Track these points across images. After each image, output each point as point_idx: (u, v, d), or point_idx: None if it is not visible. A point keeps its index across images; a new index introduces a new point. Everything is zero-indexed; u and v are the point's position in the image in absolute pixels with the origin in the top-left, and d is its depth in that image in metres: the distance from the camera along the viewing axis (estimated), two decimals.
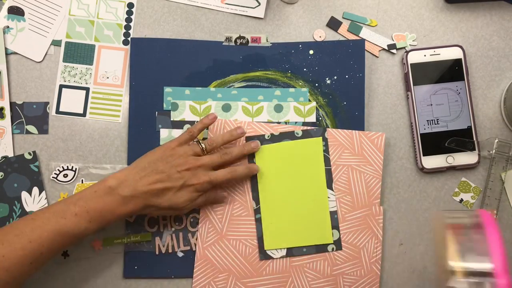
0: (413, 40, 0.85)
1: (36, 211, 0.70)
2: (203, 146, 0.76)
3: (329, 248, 0.81)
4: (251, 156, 0.81)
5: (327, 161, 0.82)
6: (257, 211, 0.81)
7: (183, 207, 0.75)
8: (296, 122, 0.83)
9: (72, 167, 0.82)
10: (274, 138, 0.82)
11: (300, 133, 0.82)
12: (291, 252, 0.81)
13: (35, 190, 0.81)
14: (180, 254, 0.81)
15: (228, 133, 0.78)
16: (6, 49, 0.83)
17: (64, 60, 0.83)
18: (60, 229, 0.67)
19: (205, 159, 0.75)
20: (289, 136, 0.82)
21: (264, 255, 0.80)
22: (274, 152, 0.82)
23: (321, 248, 0.81)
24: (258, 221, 0.81)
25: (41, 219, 0.68)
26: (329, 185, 0.81)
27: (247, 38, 0.85)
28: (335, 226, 0.81)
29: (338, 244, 0.81)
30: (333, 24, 0.85)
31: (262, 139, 0.82)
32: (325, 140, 0.82)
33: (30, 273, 0.67)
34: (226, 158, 0.77)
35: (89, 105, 0.83)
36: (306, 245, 0.81)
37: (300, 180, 0.81)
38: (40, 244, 0.66)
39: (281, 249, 0.81)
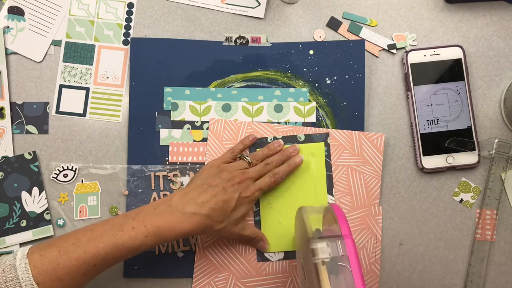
0: (413, 40, 0.85)
1: (97, 222, 0.69)
2: (249, 160, 0.79)
3: None
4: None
5: (328, 166, 0.82)
6: (256, 213, 0.81)
7: (237, 226, 0.76)
8: (296, 122, 0.83)
9: (72, 167, 0.82)
10: None
11: (303, 138, 0.82)
12: (289, 255, 0.81)
13: (35, 190, 0.81)
14: (180, 254, 0.81)
15: (266, 148, 0.81)
16: (6, 49, 0.83)
17: (64, 60, 0.84)
18: (116, 242, 0.66)
19: (251, 171, 0.77)
20: (292, 140, 0.82)
21: (261, 257, 0.80)
22: None
23: None
24: (257, 223, 0.81)
25: (99, 230, 0.67)
26: (330, 191, 0.81)
27: (247, 38, 0.85)
28: None
29: None
30: (333, 24, 0.85)
31: (264, 142, 0.82)
32: (327, 145, 0.82)
33: (81, 285, 0.66)
34: (269, 168, 0.79)
35: (89, 105, 0.83)
36: None
37: (301, 184, 0.81)
38: (94, 256, 0.65)
39: (278, 252, 0.81)
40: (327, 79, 0.84)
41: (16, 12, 0.83)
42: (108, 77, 0.84)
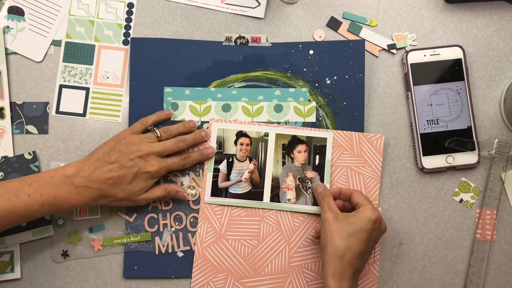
0: (413, 40, 0.85)
1: None
2: (158, 133, 0.78)
3: None
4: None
5: None
6: None
7: (139, 196, 0.76)
8: (296, 122, 0.83)
9: None
10: None
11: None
12: None
13: None
14: (180, 254, 0.81)
15: (181, 124, 0.80)
16: (6, 49, 0.83)
17: (64, 60, 0.84)
18: (11, 208, 0.68)
19: (158, 146, 0.76)
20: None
21: None
22: None
23: None
24: None
25: None
26: None
27: (247, 38, 0.85)
28: None
29: None
30: (333, 24, 0.85)
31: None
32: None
33: None
34: (180, 145, 0.78)
35: (89, 105, 0.83)
36: None
37: None
38: None
39: None
40: (327, 79, 0.84)
41: (16, 12, 0.83)
42: (108, 77, 0.84)
